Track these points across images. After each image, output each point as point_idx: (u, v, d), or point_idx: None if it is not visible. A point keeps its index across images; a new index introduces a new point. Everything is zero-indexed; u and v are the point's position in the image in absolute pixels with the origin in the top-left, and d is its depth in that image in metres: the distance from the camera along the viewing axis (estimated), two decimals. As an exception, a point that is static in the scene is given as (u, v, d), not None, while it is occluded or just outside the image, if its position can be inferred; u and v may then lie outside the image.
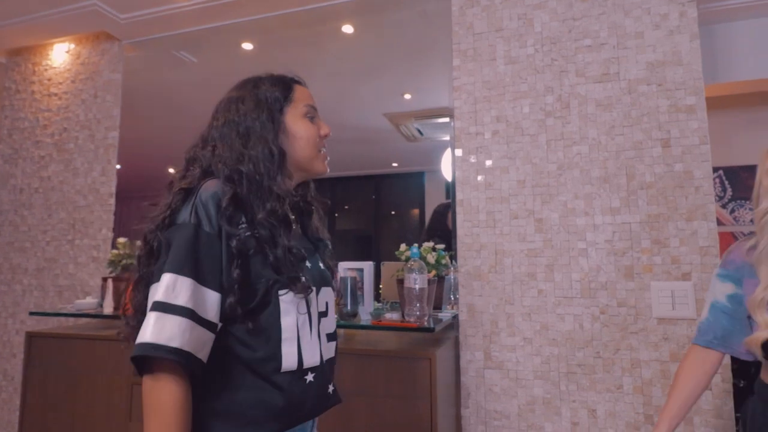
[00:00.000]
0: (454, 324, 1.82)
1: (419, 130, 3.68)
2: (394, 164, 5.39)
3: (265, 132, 0.83)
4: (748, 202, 3.02)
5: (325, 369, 0.84)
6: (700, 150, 1.65)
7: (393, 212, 4.36)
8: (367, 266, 1.68)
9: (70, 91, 2.61)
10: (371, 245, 3.99)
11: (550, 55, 1.83)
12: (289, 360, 0.77)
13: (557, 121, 1.80)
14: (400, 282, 1.60)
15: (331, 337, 0.90)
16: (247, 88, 0.88)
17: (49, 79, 2.67)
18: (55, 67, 2.67)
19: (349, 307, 1.57)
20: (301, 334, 0.78)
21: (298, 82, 0.94)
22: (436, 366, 1.44)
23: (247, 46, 2.68)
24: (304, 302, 0.79)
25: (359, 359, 1.50)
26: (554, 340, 1.68)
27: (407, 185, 4.48)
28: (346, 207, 6.60)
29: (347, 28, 2.52)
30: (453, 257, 1.88)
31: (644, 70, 1.73)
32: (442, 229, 2.26)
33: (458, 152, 1.89)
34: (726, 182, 3.04)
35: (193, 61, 2.69)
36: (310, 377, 0.80)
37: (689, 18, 1.71)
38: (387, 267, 1.88)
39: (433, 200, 2.71)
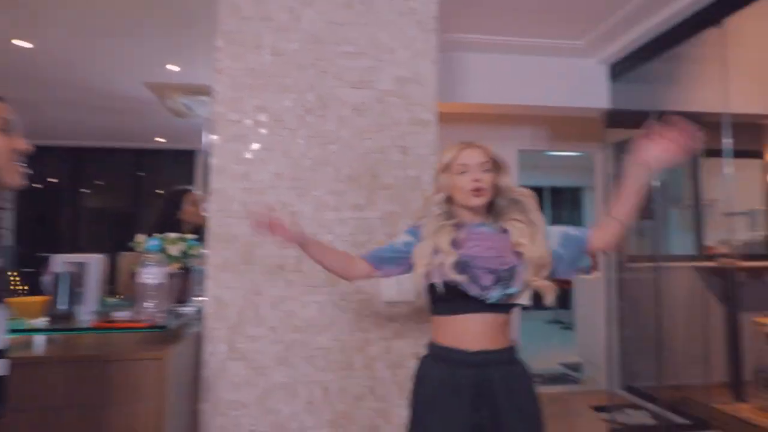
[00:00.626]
0: (199, 318, 1.77)
1: (187, 106, 3.43)
2: (160, 139, 4.91)
3: None
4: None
5: None
6: (430, 160, 1.94)
7: (161, 192, 3.97)
8: (93, 260, 1.49)
9: None
10: (131, 227, 3.57)
11: (315, 54, 1.90)
12: None
13: (316, 119, 1.89)
14: (134, 276, 1.47)
15: None
16: None
17: None
18: None
19: (60, 307, 1.37)
20: None
21: None
22: (168, 366, 1.38)
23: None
24: None
25: (75, 367, 1.33)
26: (298, 326, 1.79)
27: (177, 163, 4.15)
28: (100, 183, 5.70)
29: (93, -27, 2.16)
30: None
31: (394, 84, 1.95)
32: (174, 216, 2.10)
33: (216, 139, 1.82)
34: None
35: None
36: None
37: (431, 45, 1.99)
38: (125, 258, 1.71)
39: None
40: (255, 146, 1.83)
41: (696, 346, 3.24)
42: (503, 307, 1.22)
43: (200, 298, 1.82)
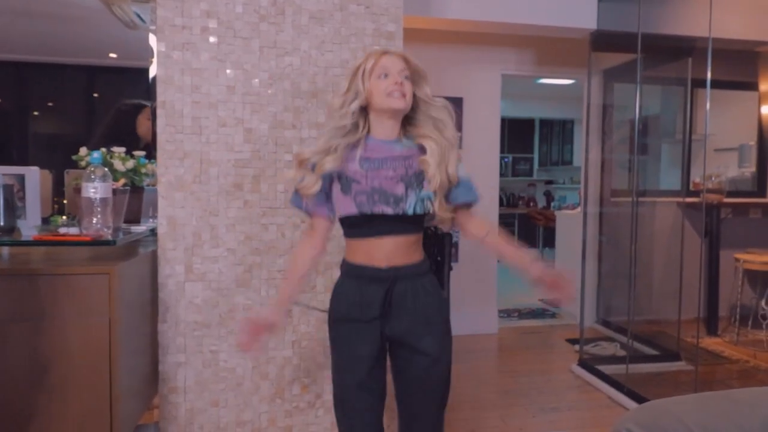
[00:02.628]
0: (154, 239, 1.81)
1: (139, 16, 3.28)
2: (113, 55, 4.71)
3: None
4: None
5: None
6: (396, 75, 1.95)
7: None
8: (32, 172, 1.50)
9: None
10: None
11: (268, -48, 1.84)
12: None
13: (271, 27, 1.85)
14: (78, 191, 1.49)
15: None
16: None
17: None
18: None
19: (1, 221, 1.39)
20: None
21: None
22: (118, 281, 1.43)
23: None
24: None
25: (18, 280, 1.38)
26: (257, 249, 1.85)
27: (131, 83, 4.06)
28: (50, 104, 5.53)
29: None
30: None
31: (356, -11, 1.90)
32: (128, 133, 2.12)
33: (161, 46, 1.78)
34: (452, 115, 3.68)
35: None
36: None
37: (397, -55, 1.93)
38: (71, 175, 1.72)
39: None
40: (204, 56, 1.81)
41: (673, 282, 3.42)
42: (415, 224, 1.27)
43: (153, 219, 1.85)
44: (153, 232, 1.81)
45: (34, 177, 1.49)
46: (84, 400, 1.44)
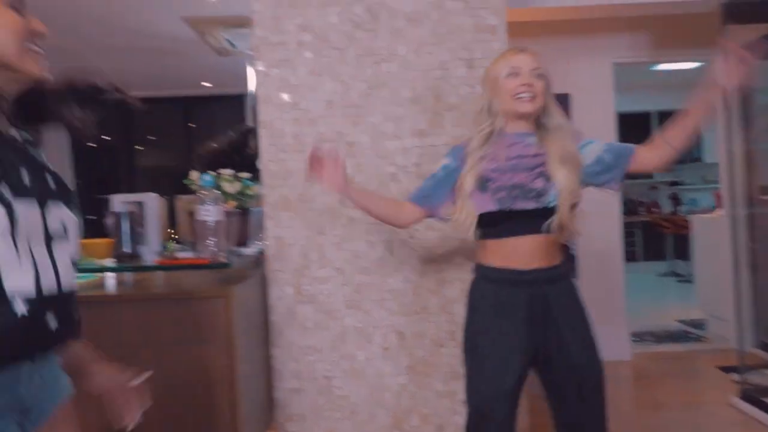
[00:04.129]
0: (263, 260, 1.92)
1: (231, 42, 3.56)
2: (206, 83, 5.15)
3: None
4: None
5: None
6: (501, 71, 1.93)
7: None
8: (150, 198, 1.66)
9: None
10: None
11: (359, -42, 1.92)
12: None
13: (366, 35, 1.92)
14: (192, 215, 1.62)
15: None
16: None
17: None
18: None
19: (125, 248, 1.55)
20: None
21: None
22: (235, 305, 1.52)
23: None
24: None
25: (143, 307, 1.52)
26: (365, 268, 1.89)
27: (226, 110, 4.34)
28: (152, 138, 6.10)
29: None
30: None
31: (452, -15, 1.93)
32: (246, 158, 2.28)
33: (259, 65, 1.91)
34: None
35: None
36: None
37: (495, -66, 1.94)
38: (182, 200, 1.88)
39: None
40: (301, 72, 1.91)
41: None
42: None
43: (261, 241, 1.96)
44: (261, 253, 1.92)
45: (153, 203, 1.65)
46: (207, 427, 1.53)
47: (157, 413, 1.51)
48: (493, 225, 1.29)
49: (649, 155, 1.34)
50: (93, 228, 1.94)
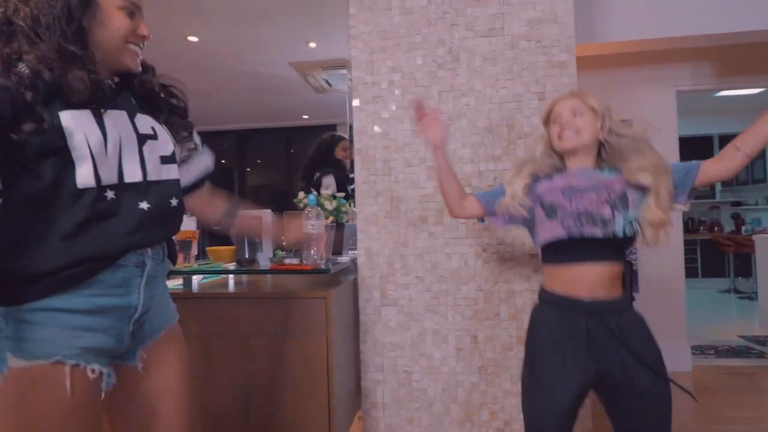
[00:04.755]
0: (353, 267, 1.97)
1: (327, 81, 3.71)
2: (305, 116, 5.39)
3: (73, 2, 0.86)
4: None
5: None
6: (570, 103, 1.88)
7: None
8: (266, 214, 1.75)
9: None
10: (287, 198, 4.09)
11: (442, 7, 1.95)
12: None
13: (448, 73, 1.94)
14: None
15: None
16: None
17: None
18: None
19: (246, 255, 1.65)
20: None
21: None
22: (332, 305, 1.58)
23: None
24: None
25: (258, 302, 1.60)
26: (442, 276, 1.89)
27: (320, 137, 4.50)
28: (258, 161, 6.49)
29: (243, -31, 2.46)
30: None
31: (525, 27, 1.91)
32: (331, 160, 2.42)
33: (355, 102, 1.98)
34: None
35: None
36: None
37: (565, -21, 1.90)
38: (290, 216, 1.96)
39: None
40: (392, 107, 1.95)
41: None
42: (620, 251, 1.21)
43: (353, 251, 2.02)
44: (353, 262, 1.97)
45: (268, 218, 1.74)
46: (305, 408, 1.59)
47: (264, 392, 1.60)
48: (559, 251, 1.23)
49: (717, 165, 1.22)
50: (220, 236, 2.08)
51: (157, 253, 0.99)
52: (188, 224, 1.84)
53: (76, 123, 0.84)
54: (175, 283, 1.75)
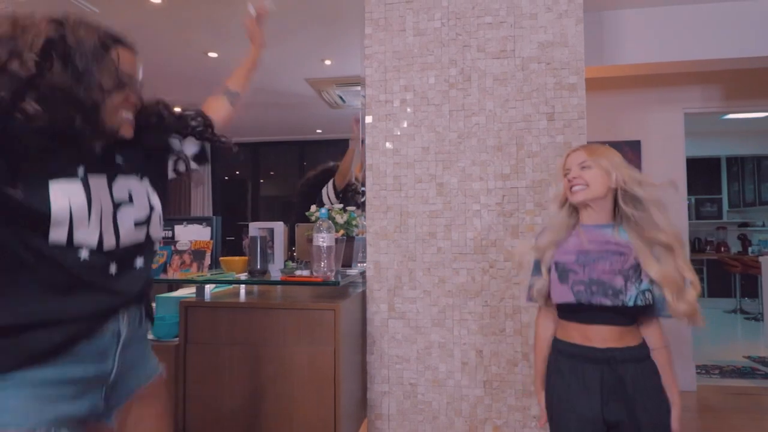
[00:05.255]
0: (361, 279, 1.97)
1: (341, 97, 3.74)
2: (319, 131, 5.44)
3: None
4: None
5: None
6: (578, 124, 1.88)
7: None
8: (278, 226, 1.77)
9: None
10: (295, 210, 4.14)
11: (455, 29, 1.96)
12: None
13: (459, 93, 1.95)
14: (310, 240, 1.70)
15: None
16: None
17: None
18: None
19: (258, 265, 1.66)
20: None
21: (124, 45, 0.93)
22: (341, 316, 1.58)
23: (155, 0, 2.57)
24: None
25: (268, 313, 1.61)
26: (450, 291, 1.89)
27: (333, 152, 4.57)
28: (272, 173, 6.54)
29: (263, -11, 2.49)
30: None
31: (536, 49, 1.92)
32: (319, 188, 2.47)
33: (368, 119, 1.99)
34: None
35: (94, 11, 2.54)
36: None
37: (576, 3, 1.91)
38: (301, 228, 1.98)
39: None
40: (403, 124, 1.97)
41: None
42: (633, 316, 1.19)
43: (362, 264, 2.02)
44: (362, 275, 1.97)
45: (279, 230, 1.76)
46: (312, 416, 1.58)
47: (272, 400, 1.59)
48: (570, 312, 1.22)
49: (650, 332, 1.24)
50: (233, 247, 2.09)
51: (133, 319, 0.97)
52: (202, 235, 1.85)
53: (61, 188, 0.84)
54: (188, 292, 1.76)
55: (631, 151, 3.41)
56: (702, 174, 6.81)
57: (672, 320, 3.21)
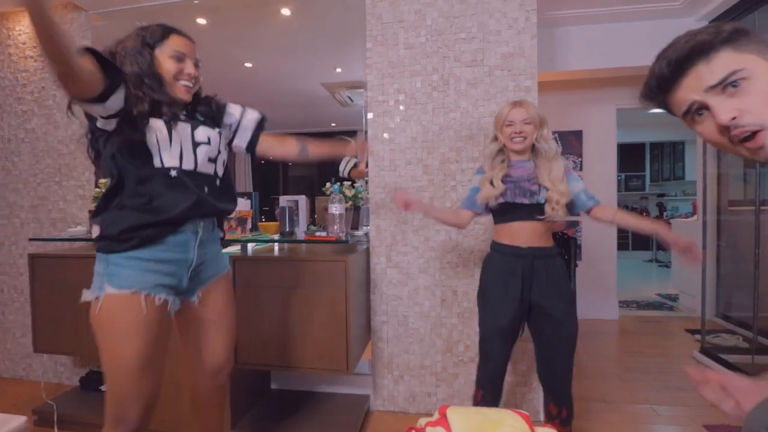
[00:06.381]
0: (366, 239, 2.00)
1: (350, 98, 3.67)
2: (333, 124, 5.34)
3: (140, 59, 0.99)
4: (571, 155, 3.40)
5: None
6: (532, 118, 1.86)
7: (333, 162, 4.33)
8: (302, 199, 1.78)
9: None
10: (318, 187, 4.14)
11: (437, 44, 1.92)
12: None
13: (440, 94, 1.92)
14: (326, 209, 1.72)
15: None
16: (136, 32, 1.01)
17: (24, 43, 2.36)
18: (27, 32, 2.35)
19: (287, 228, 1.68)
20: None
21: (177, 33, 1.02)
22: (350, 266, 1.61)
23: (201, 21, 2.51)
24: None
25: (295, 264, 1.64)
26: (433, 247, 1.91)
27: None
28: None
29: (285, 11, 2.43)
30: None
31: (500, 59, 1.87)
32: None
33: (370, 115, 1.97)
34: (559, 142, 3.39)
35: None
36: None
37: (531, 22, 1.86)
38: (320, 200, 1.99)
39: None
40: (397, 119, 1.95)
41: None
42: (542, 214, 1.27)
43: (366, 227, 2.04)
44: (366, 235, 2.00)
45: (303, 202, 1.77)
46: (329, 340, 1.63)
47: (299, 329, 1.65)
48: (502, 214, 1.30)
49: (600, 214, 1.31)
50: (268, 215, 2.12)
51: (207, 224, 1.06)
52: (244, 205, 1.87)
53: (154, 125, 0.97)
54: (234, 249, 1.79)
55: (575, 138, 3.38)
56: (630, 156, 6.75)
57: (601, 266, 3.22)
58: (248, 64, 3.44)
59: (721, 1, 2.34)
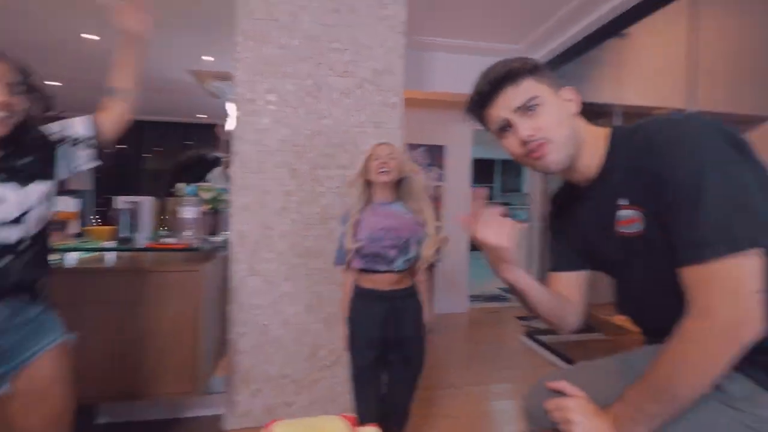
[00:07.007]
0: (226, 246, 1.83)
1: (220, 89, 3.34)
2: (201, 115, 4.81)
3: None
4: (433, 167, 3.76)
5: None
6: (397, 132, 1.97)
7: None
8: (146, 200, 1.54)
9: None
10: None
11: (311, 49, 1.88)
12: None
13: (313, 100, 1.89)
14: (176, 213, 1.52)
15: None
16: None
17: None
18: None
19: (122, 234, 1.42)
20: None
21: None
22: (203, 276, 1.45)
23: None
24: None
25: (135, 276, 1.40)
26: (299, 253, 1.87)
27: (213, 134, 4.07)
28: (156, 149, 5.62)
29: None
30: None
31: (370, 74, 1.94)
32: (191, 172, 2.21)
33: (237, 113, 1.82)
34: (426, 154, 3.71)
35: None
36: None
37: (400, 44, 1.97)
38: (171, 201, 1.75)
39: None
40: (265, 120, 1.84)
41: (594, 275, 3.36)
42: (406, 268, 1.33)
43: (226, 232, 1.88)
44: (226, 241, 1.84)
45: (147, 204, 1.53)
46: (177, 357, 1.45)
47: (136, 350, 1.41)
48: (362, 271, 1.32)
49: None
50: (104, 217, 1.77)
51: (4, 308, 0.83)
52: (67, 206, 1.52)
53: None
54: (55, 258, 1.44)
55: (438, 152, 3.73)
56: (483, 169, 7.83)
57: (455, 264, 3.61)
58: (92, 36, 2.79)
59: (548, 51, 2.89)
